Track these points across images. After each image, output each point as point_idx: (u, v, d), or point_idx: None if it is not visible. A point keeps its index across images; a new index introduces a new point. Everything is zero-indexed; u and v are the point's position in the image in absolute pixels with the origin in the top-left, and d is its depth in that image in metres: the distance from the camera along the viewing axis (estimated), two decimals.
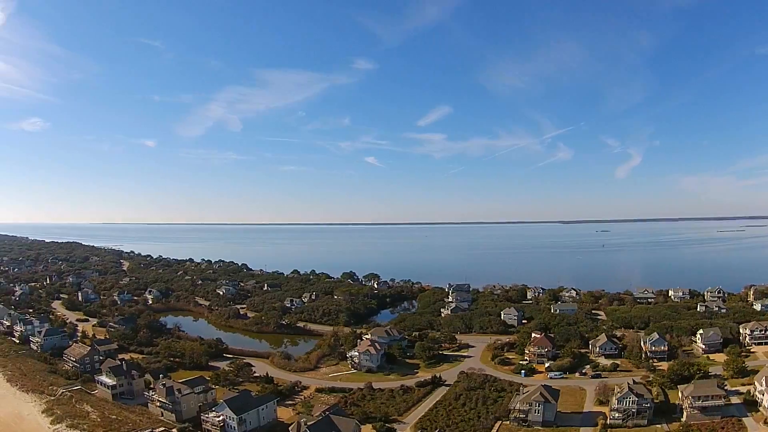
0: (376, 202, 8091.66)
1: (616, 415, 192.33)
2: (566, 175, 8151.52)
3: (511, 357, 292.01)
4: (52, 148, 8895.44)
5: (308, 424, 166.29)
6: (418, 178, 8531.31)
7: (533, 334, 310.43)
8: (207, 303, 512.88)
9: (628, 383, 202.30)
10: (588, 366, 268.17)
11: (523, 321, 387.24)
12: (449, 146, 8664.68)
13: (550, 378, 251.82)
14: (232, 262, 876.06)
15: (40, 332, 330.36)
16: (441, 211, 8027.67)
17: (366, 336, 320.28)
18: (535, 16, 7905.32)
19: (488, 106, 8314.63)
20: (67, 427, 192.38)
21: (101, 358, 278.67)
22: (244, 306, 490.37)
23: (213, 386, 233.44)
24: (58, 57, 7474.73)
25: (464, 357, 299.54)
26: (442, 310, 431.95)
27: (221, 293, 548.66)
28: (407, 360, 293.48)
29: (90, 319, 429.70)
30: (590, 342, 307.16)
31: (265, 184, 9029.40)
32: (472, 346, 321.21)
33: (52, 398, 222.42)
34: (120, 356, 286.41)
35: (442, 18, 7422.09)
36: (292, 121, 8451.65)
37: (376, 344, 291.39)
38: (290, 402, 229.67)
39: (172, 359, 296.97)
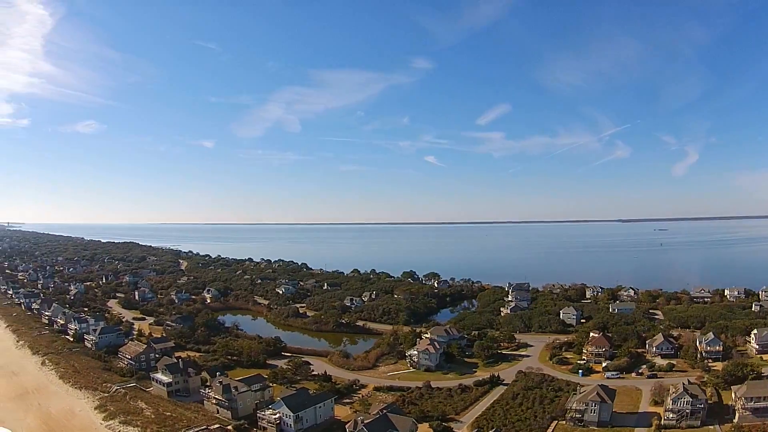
0: (436, 202, 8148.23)
1: (671, 415, 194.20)
2: (624, 173, 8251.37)
3: (569, 356, 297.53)
4: (109, 150, 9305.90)
5: (365, 422, 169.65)
6: (477, 176, 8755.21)
7: (591, 334, 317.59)
8: (266, 302, 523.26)
9: (683, 384, 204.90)
10: (644, 366, 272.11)
11: (582, 320, 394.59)
12: (508, 145, 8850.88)
13: (607, 378, 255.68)
14: (292, 261, 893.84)
15: (95, 330, 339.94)
16: (500, 210, 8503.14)
17: (425, 335, 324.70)
18: (589, 10, 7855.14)
19: (546, 104, 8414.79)
20: (120, 423, 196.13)
21: (157, 355, 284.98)
22: (304, 305, 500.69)
23: (270, 384, 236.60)
24: (112, 60, 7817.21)
25: (523, 356, 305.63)
26: (501, 309, 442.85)
27: (280, 292, 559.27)
28: (466, 359, 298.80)
29: (147, 317, 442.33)
30: (647, 342, 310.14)
31: (325, 184, 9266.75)
32: (531, 346, 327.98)
33: (106, 395, 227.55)
34: (176, 354, 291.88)
35: (498, 15, 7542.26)
36: (352, 121, 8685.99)
37: (435, 343, 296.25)
38: (348, 400, 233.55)
39: (229, 357, 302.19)
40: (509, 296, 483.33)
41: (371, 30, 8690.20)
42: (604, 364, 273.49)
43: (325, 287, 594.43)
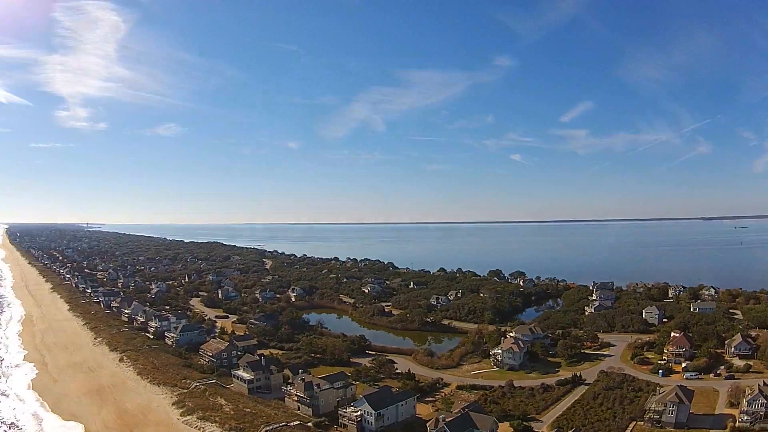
0: (521, 200, 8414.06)
1: (745, 417, 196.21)
2: (705, 170, 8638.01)
3: (650, 356, 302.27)
4: (191, 152, 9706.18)
5: (446, 420, 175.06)
6: (562, 174, 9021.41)
7: (672, 333, 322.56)
8: (351, 301, 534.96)
9: (759, 385, 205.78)
10: (722, 367, 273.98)
11: (664, 320, 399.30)
12: (592, 142, 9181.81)
13: (686, 378, 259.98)
14: (378, 260, 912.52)
15: (176, 328, 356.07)
16: (585, 208, 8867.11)
17: (510, 334, 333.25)
18: (665, 4, 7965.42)
19: (628, 100, 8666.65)
20: (197, 419, 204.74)
21: (239, 353, 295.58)
22: (389, 304, 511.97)
23: (353, 382, 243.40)
24: (191, 64, 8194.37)
25: (605, 356, 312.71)
26: (585, 308, 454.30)
27: (366, 291, 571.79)
28: (549, 358, 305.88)
29: (230, 316, 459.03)
30: (726, 342, 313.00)
31: (410, 184, 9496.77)
32: (614, 345, 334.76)
33: (185, 391, 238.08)
34: (259, 352, 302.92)
35: (577, 11, 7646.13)
36: (437, 120, 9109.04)
37: (519, 342, 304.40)
38: (430, 399, 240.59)
39: (313, 355, 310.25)
40: (593, 295, 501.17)
41: (453, 28, 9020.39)
42: (683, 365, 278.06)
43: (411, 286, 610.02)
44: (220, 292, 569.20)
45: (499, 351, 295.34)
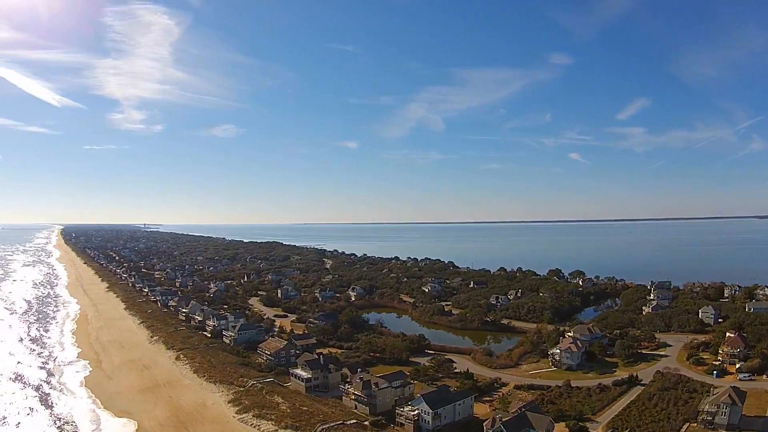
0: (580, 199, 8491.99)
1: None
2: (760, 167, 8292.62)
3: (705, 357, 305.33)
4: (248, 152, 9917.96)
5: (503, 419, 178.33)
6: (620, 172, 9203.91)
7: (728, 334, 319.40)
8: (411, 300, 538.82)
9: None
10: None
11: (719, 320, 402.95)
12: (649, 140, 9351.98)
13: (740, 380, 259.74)
14: (439, 259, 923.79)
15: (234, 327, 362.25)
16: (642, 207, 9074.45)
17: (568, 333, 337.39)
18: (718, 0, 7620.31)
19: (684, 97, 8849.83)
20: (253, 416, 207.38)
21: (298, 351, 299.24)
22: (449, 303, 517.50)
23: (412, 381, 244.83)
24: (246, 66, 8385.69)
25: (661, 356, 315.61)
26: (643, 308, 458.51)
27: (426, 290, 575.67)
28: (607, 358, 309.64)
29: (289, 315, 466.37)
30: None
31: (468, 183, 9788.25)
32: (670, 345, 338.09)
33: (241, 389, 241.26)
34: (318, 351, 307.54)
35: (629, 8, 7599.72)
36: (494, 119, 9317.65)
37: (577, 342, 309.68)
38: (488, 398, 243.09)
39: (372, 354, 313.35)
40: (651, 295, 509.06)
41: (508, 26, 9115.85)
42: (738, 365, 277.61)
43: (471, 285, 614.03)
44: (279, 291, 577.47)
45: (558, 351, 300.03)
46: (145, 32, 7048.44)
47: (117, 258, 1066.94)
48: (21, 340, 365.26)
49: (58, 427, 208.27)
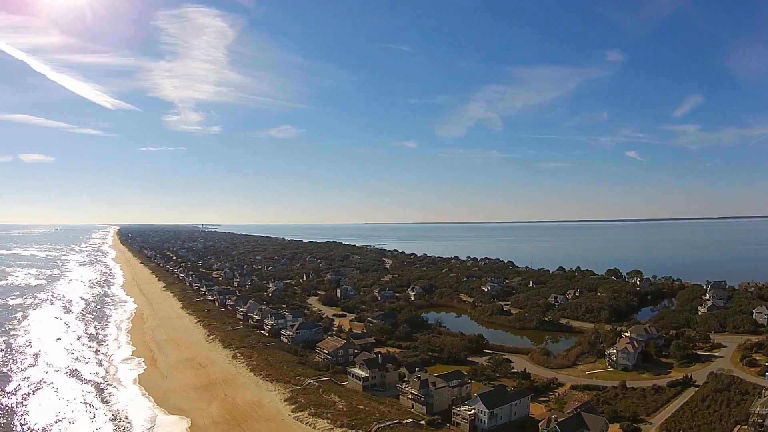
0: (637, 199, 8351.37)
1: None
2: None
3: (758, 358, 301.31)
4: (306, 153, 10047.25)
5: (558, 420, 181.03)
6: (676, 170, 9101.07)
7: None
8: (470, 299, 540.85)
9: None
10: None
11: None
12: (703, 137, 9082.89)
13: None
14: (498, 259, 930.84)
15: (292, 326, 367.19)
16: (700, 206, 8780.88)
17: (625, 333, 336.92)
18: None
19: (737, 94, 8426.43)
20: (309, 415, 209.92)
21: (356, 351, 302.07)
22: (508, 303, 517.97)
23: (469, 381, 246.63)
24: (303, 67, 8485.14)
25: (715, 357, 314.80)
26: (699, 308, 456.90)
27: (485, 290, 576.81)
28: (662, 359, 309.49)
29: (348, 314, 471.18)
30: None
31: (527, 182, 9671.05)
32: (724, 346, 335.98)
33: (298, 388, 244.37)
34: (376, 350, 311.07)
35: (682, 4, 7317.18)
36: (552, 117, 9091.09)
37: (634, 342, 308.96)
38: (544, 398, 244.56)
39: (430, 354, 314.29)
40: (707, 295, 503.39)
41: (561, 24, 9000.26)
42: None
43: (530, 285, 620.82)
44: (338, 290, 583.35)
45: (614, 351, 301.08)
46: (198, 35, 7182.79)
47: (174, 258, 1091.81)
48: (79, 338, 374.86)
49: (114, 423, 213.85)
